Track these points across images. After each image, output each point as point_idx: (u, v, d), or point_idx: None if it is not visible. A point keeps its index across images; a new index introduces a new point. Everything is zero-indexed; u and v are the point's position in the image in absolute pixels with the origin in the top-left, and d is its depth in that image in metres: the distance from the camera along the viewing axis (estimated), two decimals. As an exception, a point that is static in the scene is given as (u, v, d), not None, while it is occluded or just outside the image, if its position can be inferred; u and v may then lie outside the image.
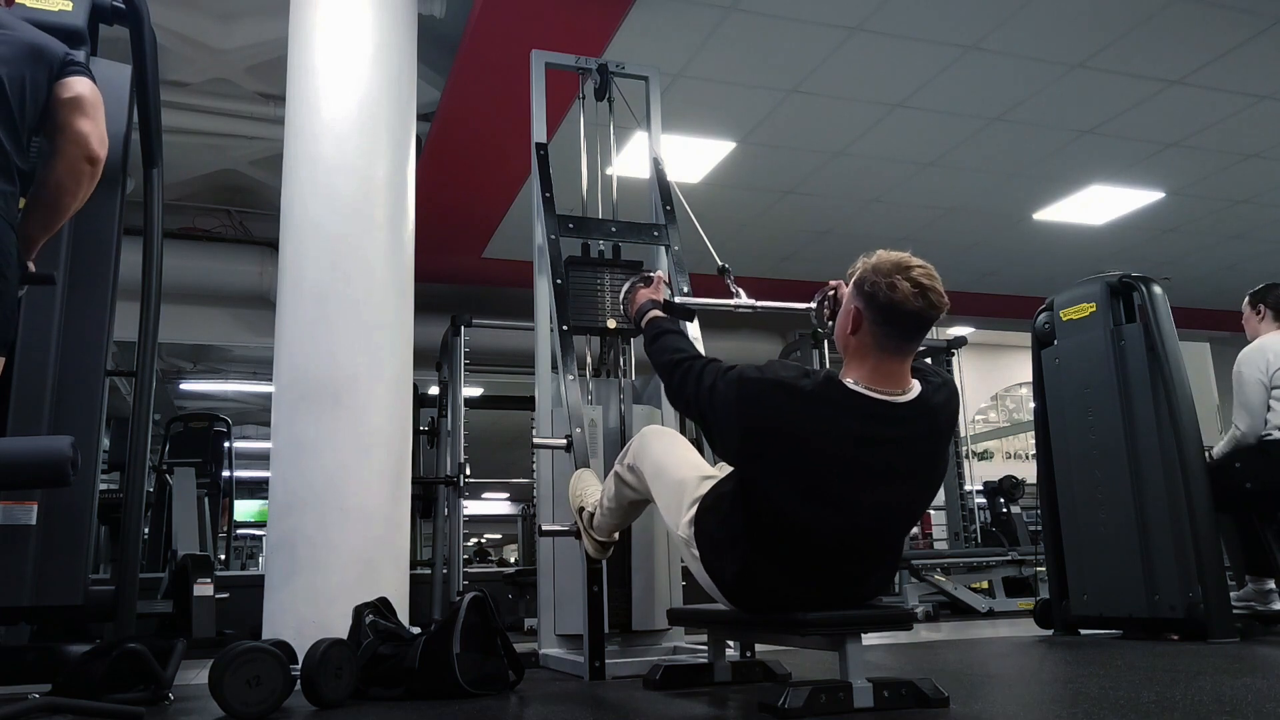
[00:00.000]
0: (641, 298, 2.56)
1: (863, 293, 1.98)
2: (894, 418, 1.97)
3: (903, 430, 1.99)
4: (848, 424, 1.95)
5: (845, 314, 2.04)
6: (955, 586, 6.07)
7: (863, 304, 1.98)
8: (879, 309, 1.95)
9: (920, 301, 1.93)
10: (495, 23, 4.26)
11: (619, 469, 2.46)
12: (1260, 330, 3.93)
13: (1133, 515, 3.62)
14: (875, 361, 1.98)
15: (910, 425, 2.00)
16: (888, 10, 4.43)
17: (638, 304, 2.54)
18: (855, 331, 2.00)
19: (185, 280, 6.52)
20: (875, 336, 1.97)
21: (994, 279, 8.34)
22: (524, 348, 4.12)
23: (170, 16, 4.70)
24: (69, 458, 1.76)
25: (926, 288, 1.93)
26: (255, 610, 3.31)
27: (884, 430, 1.97)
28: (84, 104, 2.00)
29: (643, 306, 2.51)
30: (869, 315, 1.97)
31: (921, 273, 1.94)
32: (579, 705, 2.26)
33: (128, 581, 2.46)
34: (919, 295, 1.93)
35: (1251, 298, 4.03)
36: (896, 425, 1.98)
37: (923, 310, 1.94)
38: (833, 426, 1.94)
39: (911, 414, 1.99)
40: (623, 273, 3.18)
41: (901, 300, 1.92)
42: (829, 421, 1.94)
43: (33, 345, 2.41)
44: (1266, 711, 1.79)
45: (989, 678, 2.66)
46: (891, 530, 2.09)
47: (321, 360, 3.35)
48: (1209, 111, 5.49)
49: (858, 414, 1.95)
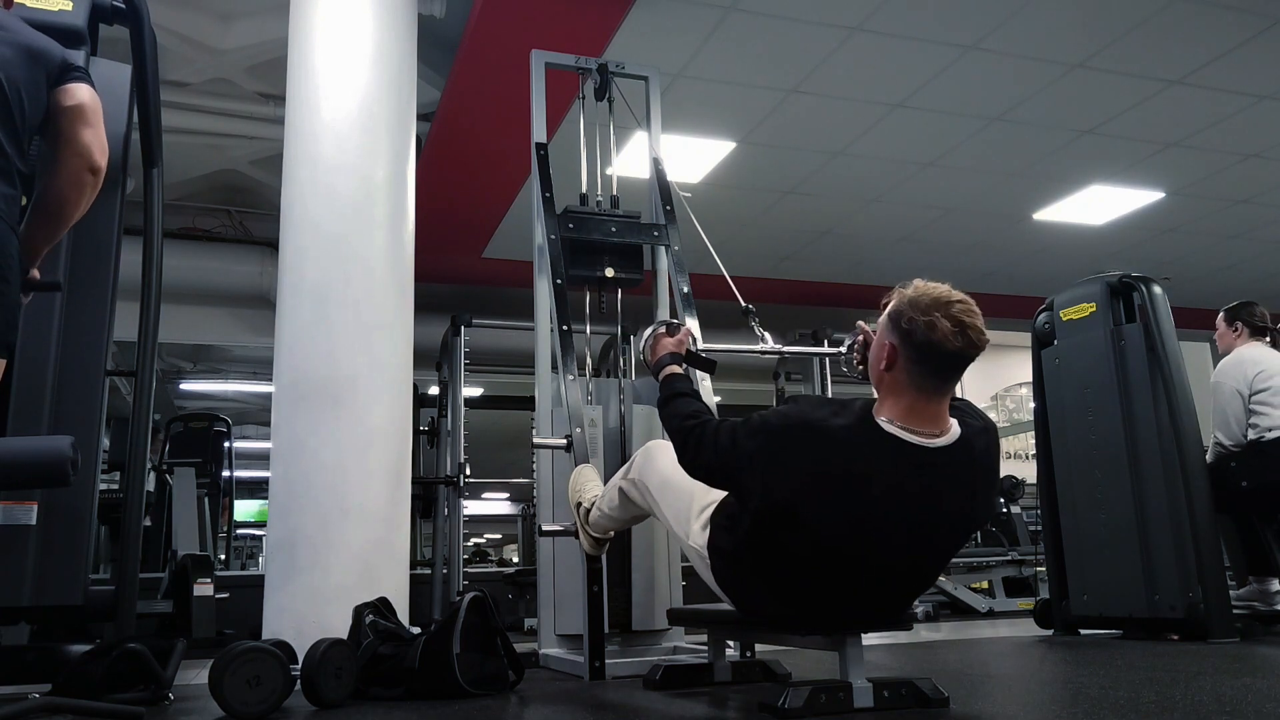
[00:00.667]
0: (663, 348, 2.38)
1: (899, 329, 1.87)
2: (931, 464, 1.86)
3: (940, 476, 1.88)
4: (882, 469, 1.84)
5: (879, 348, 1.93)
6: (955, 586, 6.07)
7: (898, 340, 1.87)
8: (916, 348, 1.84)
9: (960, 341, 1.82)
10: (495, 23, 4.26)
11: (622, 483, 2.46)
12: (1235, 344, 4.00)
13: (1133, 515, 3.62)
14: (911, 401, 1.87)
15: (948, 471, 1.88)
16: (888, 10, 4.42)
17: (658, 354, 2.37)
18: (890, 368, 1.89)
19: (185, 280, 6.52)
20: (911, 375, 1.86)
21: (994, 279, 8.33)
22: (524, 348, 4.12)
23: (170, 16, 4.69)
24: (69, 458, 1.76)
25: (967, 325, 1.83)
26: (255, 610, 3.31)
27: (920, 478, 1.86)
28: (86, 113, 2.00)
29: (662, 359, 2.34)
30: (905, 353, 1.86)
31: (962, 309, 1.84)
32: (579, 705, 2.26)
33: (128, 581, 2.46)
34: (959, 334, 1.82)
35: (1226, 314, 4.10)
36: (933, 472, 1.86)
37: (963, 350, 1.83)
38: (866, 470, 1.84)
39: (950, 459, 1.88)
40: (621, 219, 3.20)
41: (940, 340, 1.82)
42: (862, 466, 1.83)
43: (33, 345, 2.41)
44: (1266, 711, 1.79)
45: (989, 678, 2.66)
46: (921, 570, 2.03)
47: (321, 360, 3.35)
48: (1209, 111, 5.49)
49: (893, 459, 1.84)
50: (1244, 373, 3.84)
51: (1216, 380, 3.93)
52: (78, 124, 1.99)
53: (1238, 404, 3.81)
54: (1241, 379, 3.83)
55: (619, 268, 3.23)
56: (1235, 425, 3.81)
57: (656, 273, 3.43)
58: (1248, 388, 3.81)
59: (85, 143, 1.98)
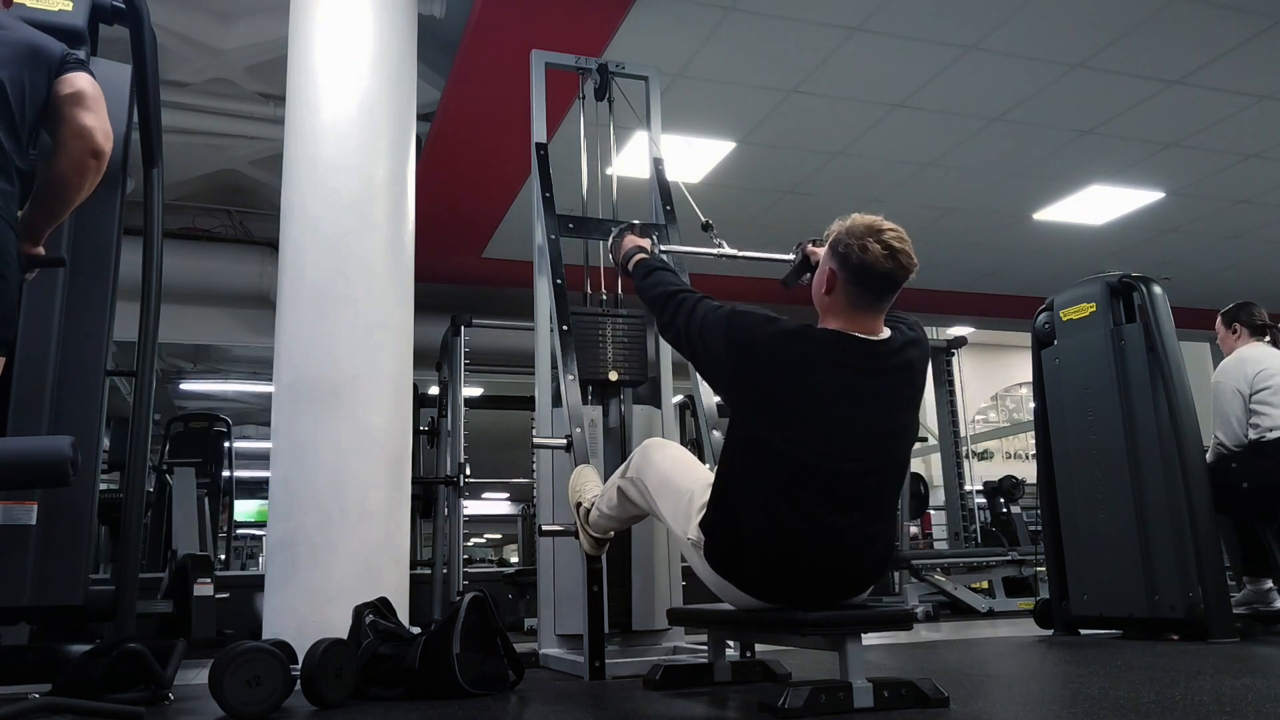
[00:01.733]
0: (629, 244, 2.62)
1: (837, 254, 2.08)
2: (870, 353, 2.07)
3: (879, 364, 2.08)
4: (828, 356, 2.05)
5: (821, 274, 2.14)
6: (955, 586, 6.07)
7: (837, 265, 2.08)
8: (851, 270, 2.05)
9: (890, 263, 2.03)
10: (495, 23, 4.26)
11: (621, 482, 2.46)
12: (1236, 346, 4.01)
13: (1133, 515, 3.62)
14: (848, 317, 2.09)
15: (885, 360, 2.09)
16: (888, 10, 4.42)
17: (625, 249, 2.61)
18: (830, 291, 2.10)
19: (185, 280, 6.52)
20: (848, 295, 2.08)
21: (994, 279, 8.34)
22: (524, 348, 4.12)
23: (170, 16, 4.69)
24: (69, 458, 1.76)
25: (897, 250, 2.03)
26: (255, 610, 3.31)
27: (861, 363, 2.06)
28: (86, 98, 2.00)
29: (630, 251, 2.59)
30: (842, 275, 2.07)
31: (892, 235, 2.05)
32: (579, 705, 2.26)
33: (128, 581, 2.46)
34: (889, 257, 2.03)
35: (1224, 317, 4.10)
36: (873, 360, 2.08)
37: (893, 271, 2.04)
38: (814, 357, 2.05)
39: (885, 350, 2.09)
40: (624, 321, 3.19)
41: (873, 262, 2.02)
42: (811, 354, 2.05)
43: (33, 345, 2.41)
44: (1266, 711, 1.79)
45: (989, 678, 2.66)
46: (883, 470, 2.11)
47: (321, 360, 3.35)
48: (1209, 111, 5.49)
49: (836, 349, 2.06)
50: (1244, 372, 3.84)
51: (1217, 380, 3.94)
52: (78, 108, 1.99)
53: (1238, 404, 3.81)
54: (1242, 378, 3.84)
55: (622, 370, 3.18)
56: (1236, 425, 3.81)
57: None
58: (1248, 387, 3.81)
59: (87, 125, 1.98)
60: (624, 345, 3.18)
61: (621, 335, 3.19)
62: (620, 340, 3.18)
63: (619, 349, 3.17)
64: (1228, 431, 3.84)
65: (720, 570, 2.14)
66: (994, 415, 14.21)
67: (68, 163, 1.98)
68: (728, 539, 2.11)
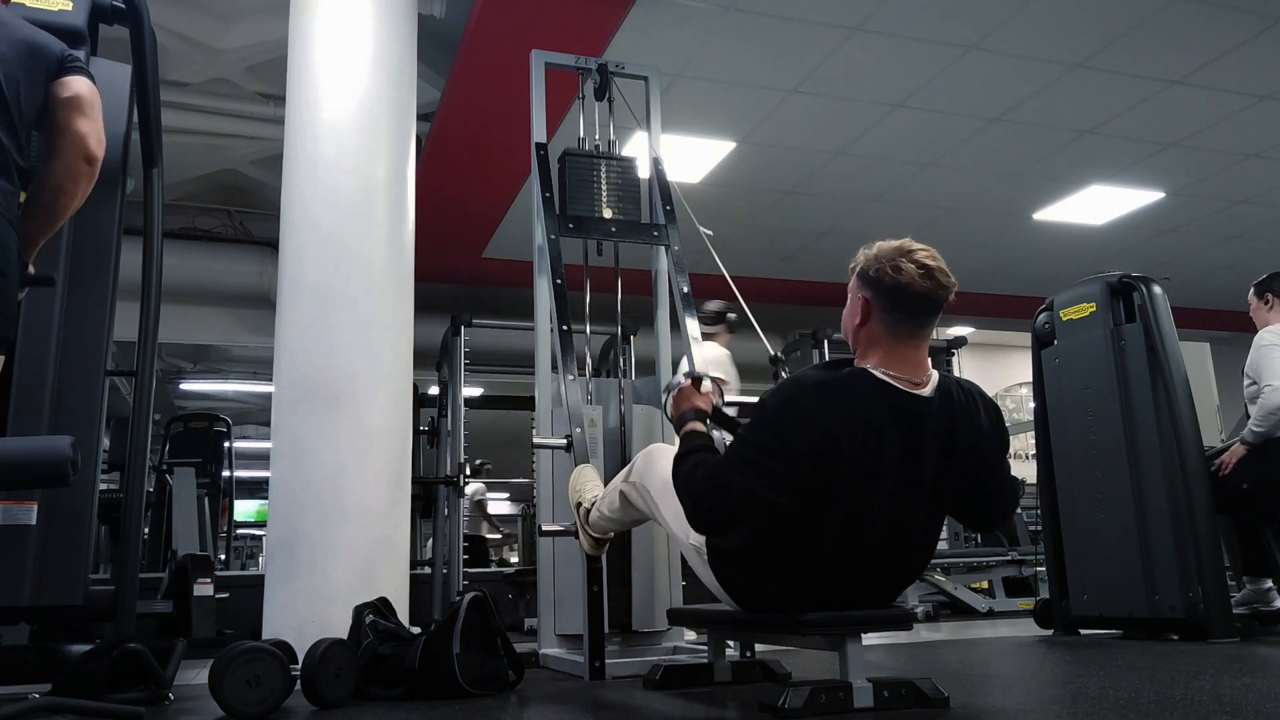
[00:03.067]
0: (686, 403, 2.21)
1: (868, 280, 1.95)
2: (916, 412, 1.91)
3: (928, 423, 1.92)
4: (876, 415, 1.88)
5: (852, 306, 2.00)
6: (955, 586, 6.07)
7: (870, 292, 1.95)
8: (887, 294, 1.92)
9: (928, 282, 1.90)
10: (495, 23, 4.26)
11: (623, 486, 2.45)
12: (1270, 320, 3.85)
13: (1133, 515, 3.62)
14: (889, 347, 1.94)
15: (930, 422, 1.93)
16: (888, 10, 4.42)
17: (680, 409, 2.21)
18: (864, 323, 1.97)
19: (185, 280, 6.52)
20: (885, 324, 1.94)
21: (994, 279, 8.34)
22: (524, 348, 4.12)
23: (170, 16, 4.70)
24: (69, 458, 1.75)
25: (932, 268, 1.91)
26: (255, 610, 3.31)
27: (911, 423, 1.91)
28: (82, 103, 1.99)
29: (685, 414, 2.19)
30: (877, 303, 1.94)
31: (925, 254, 1.92)
32: (579, 705, 2.26)
33: (128, 581, 2.46)
34: (925, 276, 1.90)
35: (1258, 288, 3.97)
36: (919, 423, 1.92)
37: (931, 291, 1.91)
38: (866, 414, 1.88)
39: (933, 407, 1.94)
40: (618, 163, 3.25)
41: (909, 283, 1.90)
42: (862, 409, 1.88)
43: (33, 345, 2.41)
44: (1266, 711, 1.79)
45: (989, 678, 2.66)
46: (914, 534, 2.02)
47: (321, 360, 3.35)
48: (1209, 111, 5.49)
49: (884, 404, 1.89)
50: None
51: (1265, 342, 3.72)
52: (74, 114, 1.98)
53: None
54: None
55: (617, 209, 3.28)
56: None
57: (656, 273, 3.43)
58: None
59: (81, 132, 1.98)
60: (617, 187, 3.30)
61: (615, 178, 3.31)
62: (614, 182, 3.30)
63: (613, 190, 3.27)
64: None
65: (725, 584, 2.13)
66: (994, 415, 14.17)
67: (61, 169, 1.98)
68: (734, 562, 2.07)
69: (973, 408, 2.00)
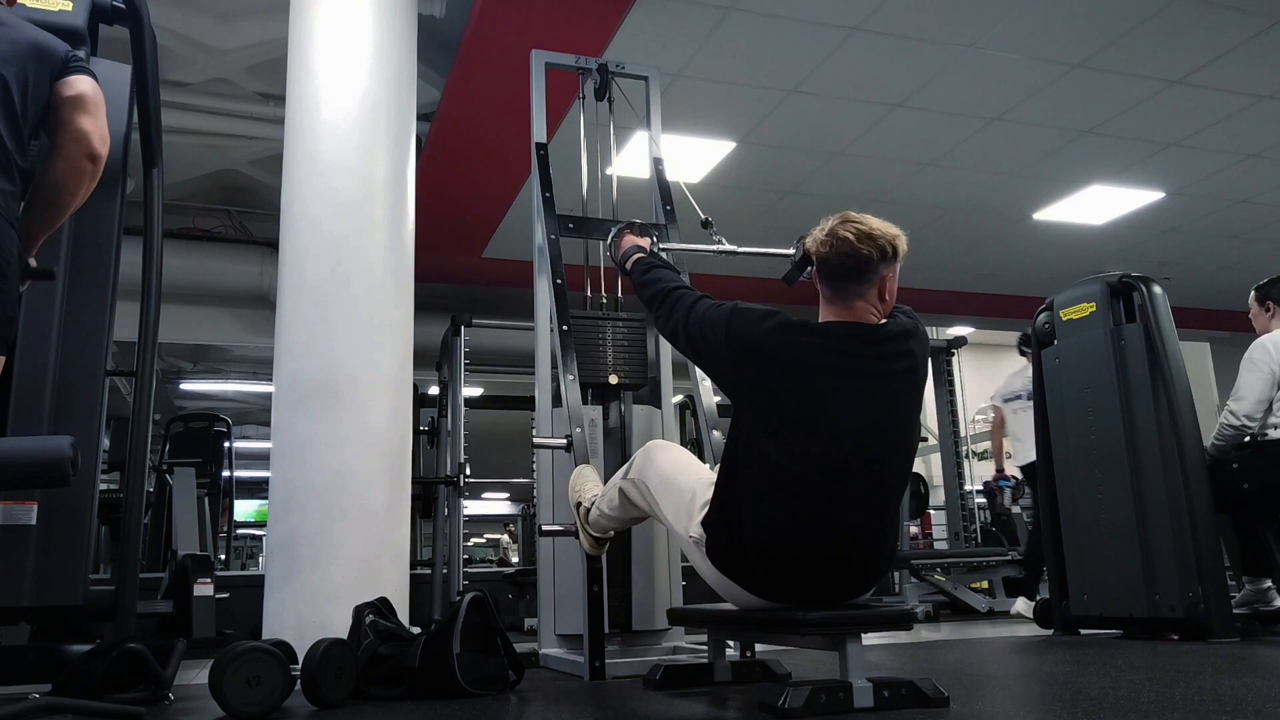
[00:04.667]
0: (628, 243, 2.64)
1: (815, 256, 2.18)
2: (867, 338, 2.12)
3: (876, 349, 2.12)
4: (825, 342, 2.10)
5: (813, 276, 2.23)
6: (955, 586, 6.07)
7: (815, 264, 2.18)
8: (825, 262, 2.14)
9: (860, 245, 2.10)
10: (495, 23, 4.26)
11: (623, 483, 2.46)
12: (1270, 326, 3.85)
13: (1133, 515, 3.62)
14: (837, 308, 2.15)
15: (882, 345, 2.13)
16: (888, 10, 4.42)
17: (624, 249, 2.63)
18: (820, 289, 2.20)
19: (185, 280, 6.52)
20: (832, 288, 2.16)
21: (994, 279, 8.34)
22: (524, 348, 4.12)
23: (170, 16, 4.69)
24: (69, 458, 1.76)
25: (865, 233, 2.12)
26: (255, 610, 3.31)
27: (859, 349, 2.11)
28: (86, 102, 2.00)
29: (628, 250, 2.61)
30: (821, 271, 2.17)
31: (859, 221, 2.14)
32: (579, 705, 2.26)
33: (128, 581, 2.46)
34: (858, 238, 2.11)
35: (1258, 292, 3.95)
36: (871, 345, 2.12)
37: (861, 252, 2.10)
38: (812, 344, 2.10)
39: (883, 335, 2.13)
40: (624, 324, 3.19)
41: (834, 256, 2.12)
42: (809, 343, 2.10)
43: (33, 345, 2.41)
44: (1267, 711, 1.79)
45: (989, 678, 2.65)
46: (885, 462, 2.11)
47: (321, 360, 3.35)
48: (1209, 111, 5.49)
49: (833, 335, 2.12)
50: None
51: (1251, 354, 3.75)
52: (77, 112, 1.99)
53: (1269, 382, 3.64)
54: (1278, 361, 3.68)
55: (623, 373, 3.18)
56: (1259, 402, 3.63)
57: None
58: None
59: (84, 130, 1.98)
60: (624, 349, 3.18)
61: (622, 339, 3.18)
62: (620, 344, 3.18)
63: (619, 352, 3.17)
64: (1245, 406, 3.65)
65: (723, 568, 2.13)
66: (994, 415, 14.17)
67: (64, 167, 1.98)
68: (730, 536, 2.11)
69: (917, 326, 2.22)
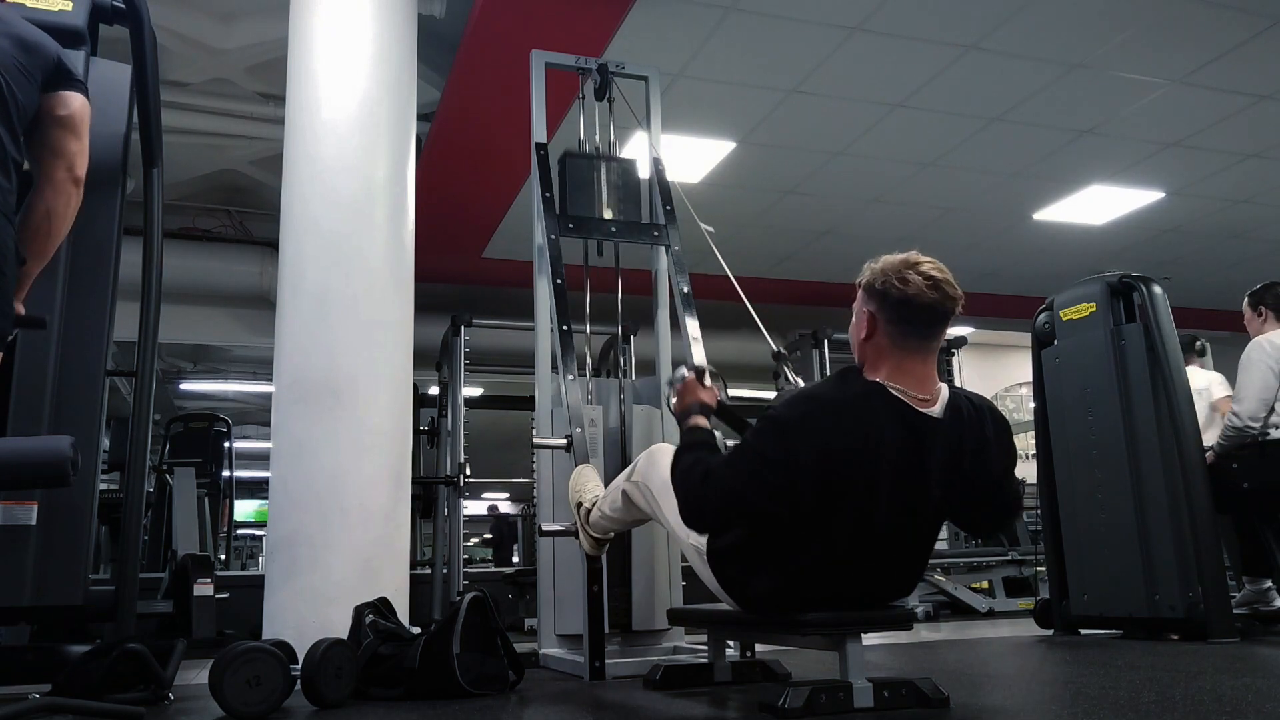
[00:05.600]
0: (691, 396, 2.20)
1: (874, 293, 1.95)
2: (928, 429, 1.92)
3: (938, 441, 1.93)
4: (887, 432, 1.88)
5: (858, 320, 2.01)
6: (955, 586, 6.07)
7: (875, 305, 1.95)
8: (893, 307, 1.92)
9: (935, 294, 1.90)
10: (495, 23, 4.26)
11: (625, 485, 2.45)
12: (1263, 330, 3.89)
13: (1133, 515, 3.62)
14: (895, 362, 1.94)
15: (944, 436, 1.93)
16: (888, 10, 4.42)
17: (686, 403, 2.20)
18: (871, 336, 1.97)
19: (185, 280, 6.52)
20: (892, 336, 1.94)
21: (994, 279, 8.33)
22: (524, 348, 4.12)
23: (170, 16, 4.69)
24: (69, 458, 1.75)
25: (939, 280, 1.91)
26: (255, 610, 3.31)
27: (919, 440, 1.91)
28: (75, 123, 2.01)
29: (690, 407, 2.19)
30: (883, 315, 1.94)
31: (931, 267, 1.92)
32: (579, 705, 2.26)
33: (128, 581, 2.46)
34: (933, 288, 1.90)
35: (1251, 298, 4.00)
36: (931, 436, 1.92)
37: (938, 303, 1.91)
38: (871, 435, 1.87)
39: (944, 425, 1.94)
40: (619, 164, 3.25)
41: (915, 294, 1.89)
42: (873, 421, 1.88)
43: (33, 345, 2.41)
44: (1266, 711, 1.79)
45: (989, 677, 2.66)
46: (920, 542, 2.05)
47: (321, 360, 3.35)
48: (1209, 111, 5.49)
49: (895, 420, 1.89)
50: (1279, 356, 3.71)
51: (1248, 355, 3.78)
52: (67, 134, 2.00)
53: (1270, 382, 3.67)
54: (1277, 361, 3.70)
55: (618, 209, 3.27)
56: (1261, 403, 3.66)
57: (656, 273, 3.43)
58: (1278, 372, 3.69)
59: (72, 152, 2.00)
60: (618, 188, 3.29)
61: (616, 180, 3.30)
62: (615, 183, 3.29)
63: (613, 190, 3.27)
64: (1247, 408, 3.67)
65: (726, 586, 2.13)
66: (994, 415, 14.16)
67: (52, 193, 1.99)
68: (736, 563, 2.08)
69: (981, 422, 2.00)
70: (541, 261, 3.20)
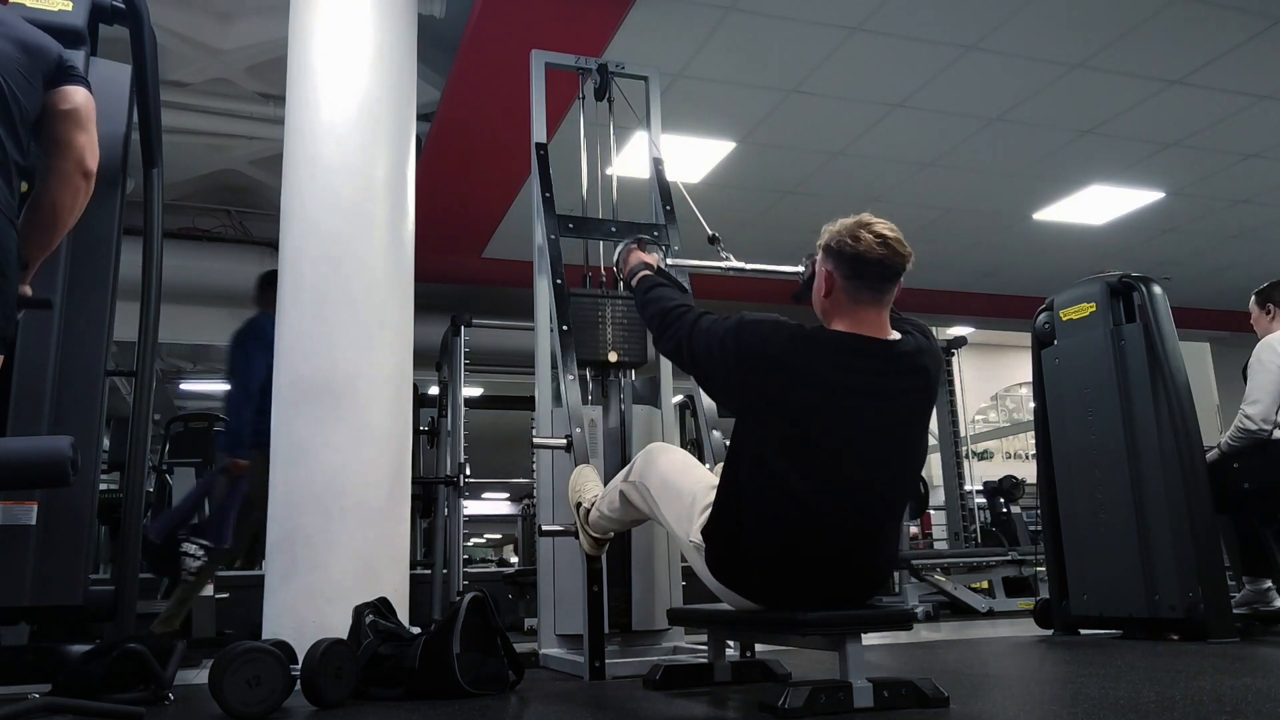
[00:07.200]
0: (635, 260, 2.59)
1: (830, 252, 2.10)
2: (883, 354, 2.06)
3: (891, 365, 2.07)
4: (840, 357, 2.04)
5: (819, 281, 2.15)
6: (955, 586, 6.07)
7: (832, 264, 2.10)
8: (846, 263, 2.06)
9: (884, 249, 2.04)
10: (495, 23, 4.26)
11: (623, 485, 2.46)
12: (1272, 329, 3.85)
13: (1133, 515, 3.62)
14: (851, 314, 2.08)
15: (897, 362, 2.08)
16: (888, 10, 4.42)
17: (630, 265, 2.58)
18: (830, 293, 2.11)
19: (185, 280, 6.51)
20: (848, 291, 2.08)
21: (994, 279, 8.34)
22: (524, 348, 4.12)
23: (170, 16, 4.69)
24: (69, 458, 1.76)
25: (889, 238, 2.06)
26: (255, 610, 3.31)
27: (874, 365, 2.05)
28: (80, 117, 2.01)
29: (635, 267, 2.55)
30: (839, 272, 2.08)
31: (883, 226, 2.08)
32: (579, 705, 2.26)
33: (128, 581, 2.46)
34: (882, 244, 2.05)
35: (1258, 296, 3.96)
36: (886, 361, 2.07)
37: (887, 258, 2.05)
38: (826, 358, 2.03)
39: (898, 352, 2.08)
40: (623, 302, 3.18)
41: (866, 250, 2.04)
42: (822, 355, 2.03)
43: (33, 345, 2.41)
44: (1266, 711, 1.79)
45: (989, 678, 2.66)
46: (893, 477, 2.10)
47: (321, 360, 3.35)
48: (1209, 111, 5.49)
49: (848, 349, 2.05)
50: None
51: (1258, 356, 3.74)
52: (73, 128, 1.99)
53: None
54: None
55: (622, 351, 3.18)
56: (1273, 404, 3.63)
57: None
58: None
59: (79, 146, 1.99)
60: (623, 327, 3.20)
61: (620, 317, 3.20)
62: (619, 322, 3.19)
63: (618, 330, 3.18)
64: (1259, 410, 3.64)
65: (723, 577, 2.13)
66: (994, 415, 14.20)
67: (59, 185, 1.99)
68: (732, 549, 2.10)
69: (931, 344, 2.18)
70: (541, 261, 3.20)
